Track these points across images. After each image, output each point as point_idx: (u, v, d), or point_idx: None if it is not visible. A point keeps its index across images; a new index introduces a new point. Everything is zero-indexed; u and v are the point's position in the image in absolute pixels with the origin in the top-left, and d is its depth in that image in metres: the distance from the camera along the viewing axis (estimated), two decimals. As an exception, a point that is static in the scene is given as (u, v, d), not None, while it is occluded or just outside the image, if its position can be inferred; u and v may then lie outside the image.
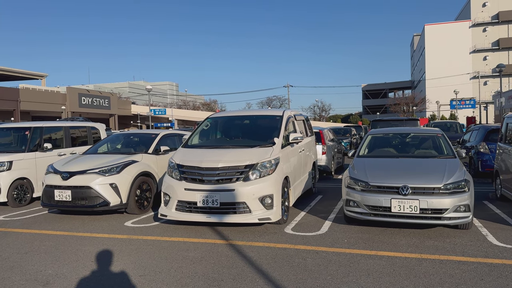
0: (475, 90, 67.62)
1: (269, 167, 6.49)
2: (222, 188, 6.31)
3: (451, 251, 5.28)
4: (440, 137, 7.71)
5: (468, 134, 14.22)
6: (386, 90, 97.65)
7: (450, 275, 4.45)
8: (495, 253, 5.16)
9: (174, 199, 6.62)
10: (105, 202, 7.40)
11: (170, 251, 5.55)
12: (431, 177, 6.12)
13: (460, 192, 5.92)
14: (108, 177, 7.51)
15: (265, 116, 8.26)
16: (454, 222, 5.88)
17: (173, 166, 6.89)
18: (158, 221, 7.27)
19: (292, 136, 7.43)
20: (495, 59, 68.74)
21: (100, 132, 11.62)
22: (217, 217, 6.32)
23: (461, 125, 23.18)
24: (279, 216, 6.44)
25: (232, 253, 5.41)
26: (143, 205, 8.04)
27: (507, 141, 8.29)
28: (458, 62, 70.93)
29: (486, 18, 71.06)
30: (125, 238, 6.26)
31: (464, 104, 48.34)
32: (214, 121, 8.37)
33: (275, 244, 5.75)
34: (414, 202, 5.84)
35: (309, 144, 9.25)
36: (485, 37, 71.70)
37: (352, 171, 6.70)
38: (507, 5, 69.33)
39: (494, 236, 5.89)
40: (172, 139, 9.73)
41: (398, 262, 4.93)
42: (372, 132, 8.40)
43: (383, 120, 16.49)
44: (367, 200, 6.12)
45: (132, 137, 9.75)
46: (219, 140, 7.95)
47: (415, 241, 5.74)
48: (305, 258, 5.14)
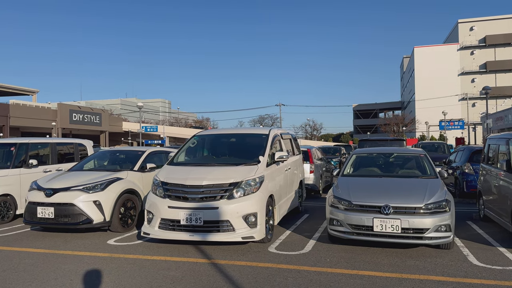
0: (464, 111, 68.68)
1: (254, 185, 6.51)
2: (206, 206, 6.31)
3: (432, 271, 5.31)
4: (423, 158, 7.82)
5: (454, 154, 14.40)
6: (377, 110, 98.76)
7: (429, 295, 4.46)
8: (474, 273, 5.20)
9: (157, 217, 6.59)
10: (88, 219, 7.33)
11: (151, 270, 5.50)
12: (413, 197, 6.19)
13: (441, 212, 5.98)
14: (92, 194, 7.46)
15: (251, 135, 8.31)
16: (435, 242, 5.92)
17: (158, 183, 6.88)
18: (141, 239, 7.21)
19: (278, 154, 7.47)
20: (483, 81, 70.08)
21: (87, 148, 11.57)
22: (200, 236, 6.29)
23: (448, 146, 23.47)
24: (263, 234, 6.43)
25: (214, 272, 5.38)
26: (127, 223, 7.97)
27: (489, 162, 8.42)
28: (446, 84, 72.16)
29: (473, 41, 72.75)
30: (107, 257, 6.19)
31: (453, 125, 48.97)
32: (200, 139, 8.40)
33: (257, 263, 5.72)
34: (395, 222, 5.88)
35: (296, 162, 9.30)
36: (472, 60, 73.23)
37: (336, 190, 6.74)
38: (494, 29, 71.13)
39: (475, 256, 5.93)
40: (159, 156, 9.72)
41: (379, 281, 4.94)
42: (357, 152, 8.49)
43: (371, 140, 16.65)
44: (350, 219, 6.15)
45: (119, 154, 9.73)
46: (205, 158, 7.97)
47: (396, 261, 5.76)
48: (287, 277, 5.12)
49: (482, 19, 72.82)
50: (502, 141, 7.64)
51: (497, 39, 70.87)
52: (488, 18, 72.46)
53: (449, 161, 14.42)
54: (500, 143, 7.76)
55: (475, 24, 72.92)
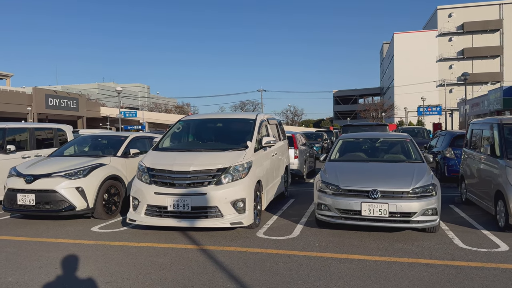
0: (441, 97, 69.89)
1: (242, 171, 6.44)
2: (194, 192, 6.21)
3: (420, 254, 5.38)
4: (408, 142, 7.88)
5: (434, 139, 14.64)
6: (356, 96, 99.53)
7: (419, 278, 4.52)
8: (461, 255, 5.29)
9: (143, 204, 6.46)
10: (71, 206, 7.14)
11: (138, 257, 5.40)
12: (400, 181, 6.23)
13: (428, 196, 6.05)
14: (74, 180, 7.25)
15: (238, 120, 8.21)
16: (422, 225, 6.00)
17: (143, 169, 6.73)
18: (127, 226, 7.08)
19: (265, 140, 7.41)
20: (460, 68, 71.32)
21: (66, 134, 11.24)
22: (188, 222, 6.21)
23: (428, 131, 23.90)
24: (251, 220, 6.40)
25: (203, 258, 5.32)
26: (111, 209, 7.81)
27: (472, 147, 8.57)
28: (425, 70, 73.13)
29: (452, 28, 73.69)
30: (92, 244, 6.06)
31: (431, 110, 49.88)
32: (186, 124, 8.25)
33: (247, 248, 5.69)
34: (383, 206, 5.93)
35: (282, 148, 9.26)
36: (450, 47, 74.30)
37: (323, 175, 6.74)
38: (472, 16, 72.14)
39: (460, 239, 6.05)
40: (142, 142, 9.52)
41: (369, 265, 4.97)
42: (343, 137, 8.50)
43: (354, 125, 16.76)
44: (338, 204, 6.17)
45: (101, 140, 9.49)
46: (191, 143, 7.84)
47: (384, 244, 5.82)
48: (277, 262, 5.11)
49: (461, 6, 73.72)
50: (486, 126, 7.76)
51: (475, 26, 71.97)
52: (466, 5, 73.38)
53: (430, 146, 14.67)
54: (484, 128, 7.88)
55: (454, 11, 73.79)
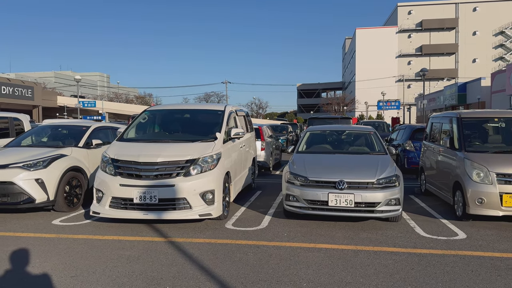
0: (400, 92, 72.24)
1: (211, 162, 6.39)
2: (161, 183, 6.10)
3: (384, 242, 5.56)
4: (372, 135, 8.10)
5: (395, 133, 15.13)
6: (319, 90, 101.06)
7: (384, 265, 4.68)
8: (422, 243, 5.52)
9: (108, 196, 6.28)
10: (30, 199, 6.84)
11: (104, 250, 5.26)
12: (365, 172, 6.41)
13: (391, 186, 6.26)
14: (33, 172, 6.94)
15: (207, 111, 8.12)
16: (386, 215, 6.21)
17: (107, 160, 6.54)
18: (90, 219, 6.87)
19: (234, 131, 7.38)
20: (418, 64, 73.95)
21: (23, 123, 10.72)
22: (156, 214, 6.11)
23: (387, 125, 24.70)
24: (220, 211, 6.38)
25: (172, 250, 5.25)
26: (73, 202, 7.54)
27: (431, 140, 8.92)
28: (385, 66, 75.25)
29: (411, 25, 76.13)
30: (54, 237, 5.83)
31: (390, 105, 51.42)
32: (152, 114, 8.07)
33: (216, 240, 5.67)
34: (349, 196, 6.07)
35: (250, 140, 9.27)
36: (409, 43, 76.80)
37: (292, 167, 6.81)
38: (430, 13, 74.82)
39: (421, 228, 6.30)
40: (105, 132, 9.23)
41: (336, 254, 5.09)
42: (310, 129, 8.62)
43: (319, 118, 17.06)
44: (305, 195, 6.26)
45: (61, 130, 9.11)
46: (158, 134, 7.68)
47: (350, 234, 5.97)
48: (247, 253, 5.13)
49: (420, 3, 76.24)
50: (445, 120, 8.10)
51: (433, 23, 74.72)
52: (425, 3, 75.99)
53: (391, 139, 15.15)
54: (443, 122, 8.23)
55: (413, 8, 76.20)
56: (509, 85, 43.46)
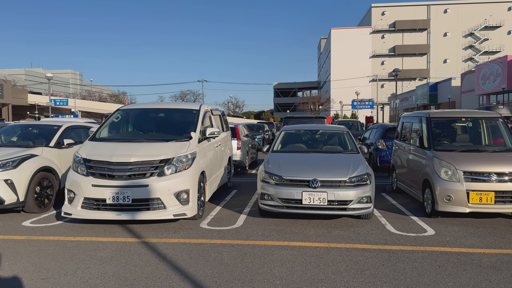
0: (374, 92, 73.63)
1: (186, 162, 6.37)
2: (135, 183, 6.04)
3: (355, 239, 5.69)
4: (345, 134, 8.25)
5: (368, 132, 15.43)
6: (296, 89, 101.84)
7: (355, 262, 4.79)
8: (393, 240, 5.68)
9: (80, 196, 6.18)
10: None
11: (75, 252, 5.18)
12: (338, 171, 6.53)
13: (363, 184, 6.40)
14: (2, 172, 6.75)
15: (181, 110, 8.08)
16: (358, 212, 6.35)
17: (79, 160, 6.43)
18: (61, 220, 6.74)
19: (209, 130, 7.38)
20: (391, 64, 75.57)
21: (-9, 122, 10.39)
22: (129, 215, 6.05)
23: (361, 124, 25.15)
24: (195, 211, 6.37)
25: (145, 251, 5.22)
26: (44, 203, 7.38)
27: (402, 139, 9.16)
28: (359, 66, 76.56)
29: (384, 26, 77.70)
30: (23, 239, 5.70)
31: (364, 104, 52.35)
32: (125, 113, 7.97)
33: (190, 239, 5.67)
34: (322, 195, 6.18)
35: (225, 139, 9.28)
36: (383, 43, 78.36)
37: (267, 166, 6.87)
38: (403, 15, 76.56)
39: (392, 225, 6.48)
40: (77, 131, 9.05)
41: (309, 251, 5.18)
42: (285, 129, 8.71)
43: (294, 118, 17.18)
44: (280, 193, 6.33)
45: (31, 129, 8.88)
46: (131, 134, 7.59)
47: (323, 231, 6.08)
48: (221, 252, 5.15)
49: (393, 4, 77.91)
50: (415, 120, 8.33)
51: (405, 24, 76.47)
52: (398, 4, 77.70)
53: (364, 138, 15.44)
54: (413, 121, 8.46)
55: (387, 9, 77.78)
56: (478, 86, 44.94)
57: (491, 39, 74.20)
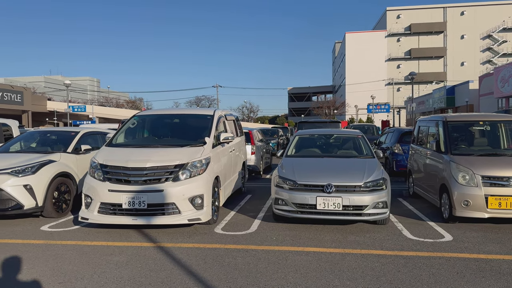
0: (390, 95, 72.95)
1: (200, 167, 6.41)
2: (150, 188, 6.11)
3: (371, 245, 5.63)
4: (360, 139, 8.19)
5: (384, 136, 15.28)
6: (310, 94, 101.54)
7: (371, 268, 4.74)
8: (409, 246, 5.59)
9: (96, 201, 6.27)
10: (19, 205, 6.79)
11: (92, 256, 5.25)
12: (353, 176, 6.47)
13: (378, 189, 6.33)
14: (21, 178, 6.90)
15: (196, 115, 8.14)
16: (373, 218, 6.27)
17: (96, 166, 6.53)
18: (79, 224, 6.84)
19: (223, 135, 7.41)
20: (407, 67, 74.83)
21: (12, 129, 10.65)
22: (144, 219, 6.11)
23: (377, 128, 24.93)
24: (209, 216, 6.39)
25: (160, 255, 5.26)
26: (61, 208, 7.51)
27: (419, 143, 9.04)
28: (375, 69, 75.98)
29: (400, 29, 77.03)
30: (42, 244, 5.80)
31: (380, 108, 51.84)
32: (141, 119, 8.08)
33: (205, 244, 5.69)
34: (337, 200, 6.13)
35: (239, 144, 9.30)
36: (399, 47, 77.67)
37: (281, 171, 6.86)
38: (419, 18, 75.83)
39: (408, 230, 6.38)
40: (94, 137, 9.21)
41: (324, 257, 5.14)
42: (299, 133, 8.69)
43: (309, 122, 17.11)
44: (294, 198, 6.31)
45: (49, 135, 9.07)
46: (147, 139, 7.68)
47: (338, 237, 6.03)
48: (235, 257, 5.15)
49: (409, 8, 77.23)
50: (432, 123, 8.22)
51: (421, 27, 75.69)
52: (414, 7, 77.00)
53: (379, 142, 15.29)
54: (430, 125, 8.34)
55: (402, 13, 77.14)
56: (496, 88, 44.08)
57: (509, 41, 72.83)
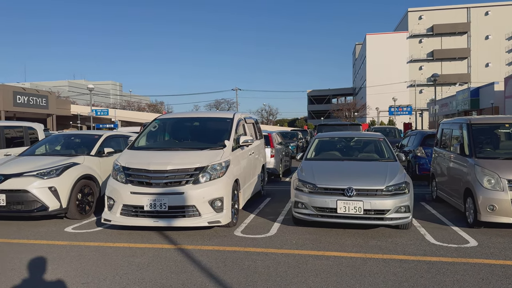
0: (412, 97, 71.77)
1: (220, 170, 6.44)
2: (171, 191, 6.17)
3: (393, 250, 5.53)
4: (382, 142, 8.08)
5: (406, 139, 15.03)
6: (330, 96, 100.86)
7: (393, 274, 4.66)
8: (432, 251, 5.48)
9: (119, 203, 6.38)
10: (44, 206, 6.97)
11: (114, 257, 5.33)
12: (374, 179, 6.39)
13: (401, 193, 6.23)
14: (47, 180, 7.08)
15: (216, 119, 8.20)
16: (396, 222, 6.17)
17: (118, 168, 6.64)
18: (101, 226, 6.96)
19: (243, 138, 7.43)
20: (430, 69, 73.48)
21: (37, 132, 10.94)
22: (165, 221, 6.17)
23: (399, 131, 24.53)
24: (229, 219, 6.41)
25: (181, 257, 5.30)
26: (85, 209, 7.66)
27: (442, 146, 8.86)
28: (396, 71, 74.89)
29: (422, 30, 75.75)
30: (66, 245, 5.93)
31: (402, 110, 51.08)
32: (162, 123, 8.18)
33: (224, 247, 5.71)
34: (358, 203, 6.06)
35: (259, 147, 9.31)
36: (421, 48, 76.37)
37: (300, 174, 6.83)
38: (441, 18, 74.41)
39: (431, 235, 6.25)
40: (117, 140, 9.37)
41: (345, 262, 5.08)
42: (319, 136, 8.63)
43: (328, 125, 17.00)
44: (314, 202, 6.26)
45: (73, 138, 9.28)
46: (168, 142, 7.77)
47: (359, 241, 5.95)
48: (255, 260, 5.15)
49: (431, 8, 75.90)
50: (455, 126, 8.04)
51: (444, 28, 74.24)
52: (436, 7, 75.62)
53: (401, 145, 15.04)
54: (453, 128, 8.17)
55: (424, 13, 75.86)
56: (523, 90, 42.81)
57: (536, 41, 70.73)
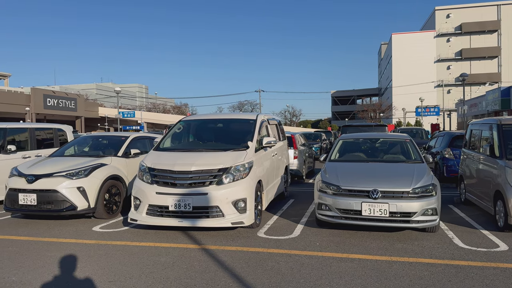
0: (439, 98, 70.08)
1: (243, 171, 6.47)
2: (195, 192, 6.24)
3: (420, 253, 5.42)
4: (408, 143, 7.92)
5: (433, 140, 14.70)
6: (354, 97, 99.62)
7: (420, 277, 4.56)
8: (461, 255, 5.34)
9: (145, 203, 6.49)
10: (72, 206, 7.17)
11: (140, 256, 5.43)
12: (400, 181, 6.27)
13: (428, 196, 6.09)
14: (75, 180, 7.28)
15: (239, 120, 8.25)
16: (422, 225, 6.04)
17: (144, 169, 6.76)
18: (128, 225, 7.11)
19: (266, 140, 7.45)
20: (458, 69, 71.56)
21: (66, 134, 11.26)
22: (190, 221, 6.24)
23: (426, 132, 23.99)
24: (252, 220, 6.43)
25: (205, 257, 5.35)
26: (112, 209, 7.83)
27: (471, 147, 8.62)
28: (423, 71, 73.28)
29: (449, 29, 73.87)
30: (93, 243, 6.08)
31: (429, 111, 49.95)
32: (186, 124, 8.28)
33: (248, 248, 5.72)
34: (383, 206, 5.97)
35: (282, 148, 9.30)
36: (448, 47, 74.47)
37: (324, 175, 6.78)
38: (470, 17, 72.37)
39: (459, 238, 6.10)
40: (143, 142, 9.55)
41: (369, 264, 5.01)
42: (343, 137, 8.54)
43: (353, 126, 16.75)
44: (338, 204, 6.20)
45: (101, 140, 9.51)
46: (192, 143, 7.87)
47: (385, 244, 5.86)
48: (278, 261, 5.14)
49: (458, 6, 73.91)
50: (485, 127, 7.81)
51: (473, 26, 72.17)
52: (464, 6, 73.58)
53: (429, 146, 14.72)
54: (483, 129, 7.93)
55: (452, 12, 73.97)
56: (557, 89, 41.18)
57: None
